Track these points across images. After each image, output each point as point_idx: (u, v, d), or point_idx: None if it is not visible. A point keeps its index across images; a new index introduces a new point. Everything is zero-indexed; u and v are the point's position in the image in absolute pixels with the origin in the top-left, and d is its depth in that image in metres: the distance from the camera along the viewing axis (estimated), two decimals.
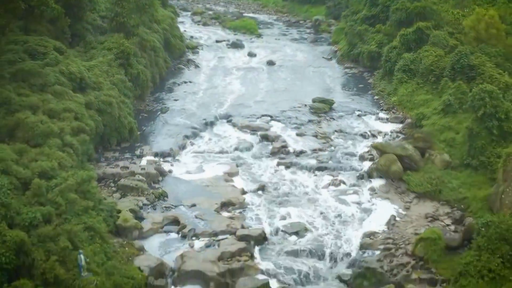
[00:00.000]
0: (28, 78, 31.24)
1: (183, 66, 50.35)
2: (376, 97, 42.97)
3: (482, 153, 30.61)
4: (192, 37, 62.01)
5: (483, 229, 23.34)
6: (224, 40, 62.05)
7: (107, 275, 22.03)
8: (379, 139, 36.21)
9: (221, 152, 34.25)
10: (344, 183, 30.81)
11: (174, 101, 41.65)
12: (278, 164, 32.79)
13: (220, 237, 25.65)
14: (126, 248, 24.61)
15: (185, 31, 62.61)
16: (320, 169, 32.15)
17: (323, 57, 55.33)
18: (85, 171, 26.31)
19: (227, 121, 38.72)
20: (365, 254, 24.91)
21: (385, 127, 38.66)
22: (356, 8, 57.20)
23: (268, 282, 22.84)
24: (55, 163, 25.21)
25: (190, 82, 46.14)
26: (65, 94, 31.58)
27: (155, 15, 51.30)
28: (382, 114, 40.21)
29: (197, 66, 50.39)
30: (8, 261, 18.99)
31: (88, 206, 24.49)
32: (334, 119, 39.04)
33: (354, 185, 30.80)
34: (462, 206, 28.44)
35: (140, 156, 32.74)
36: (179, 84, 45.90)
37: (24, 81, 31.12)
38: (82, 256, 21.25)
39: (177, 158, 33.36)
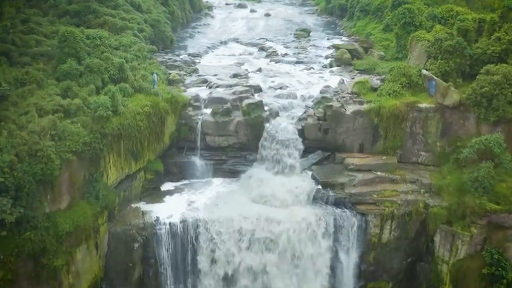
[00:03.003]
0: (105, 0, 44.81)
1: (202, 17, 63.98)
2: (341, 30, 56.65)
3: (404, 48, 43.64)
4: (206, 1, 75.85)
5: (392, 70, 36.63)
6: (232, 4, 76.51)
7: (168, 92, 35.20)
8: None
9: (232, 55, 47.91)
10: (313, 69, 44.11)
11: (198, 33, 55.57)
12: (270, 60, 46.33)
13: (233, 87, 38.94)
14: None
15: None
16: (298, 62, 45.64)
17: (307, 13, 69.05)
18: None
19: (236, 42, 52.45)
20: (323, 94, 37.95)
21: None
22: None
23: (261, 101, 35.82)
24: (131, 38, 38.52)
25: (208, 24, 59.98)
26: (130, 11, 44.93)
27: None
28: (344, 38, 53.76)
29: (212, 17, 64.01)
30: None
31: (153, 62, 37.90)
32: (310, 40, 52.89)
33: (320, 70, 44.03)
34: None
35: (178, 55, 46.14)
36: (200, 26, 59.59)
37: (103, 2, 44.62)
38: (155, 76, 34.36)
39: (202, 57, 46.84)
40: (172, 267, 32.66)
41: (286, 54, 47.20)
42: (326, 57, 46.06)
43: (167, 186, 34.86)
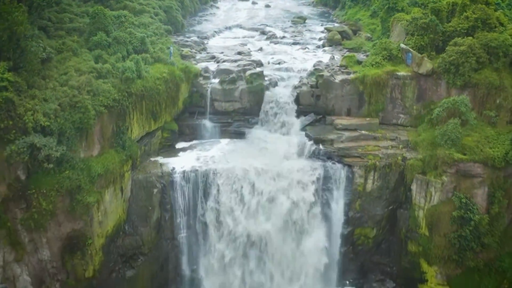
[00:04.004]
0: None
1: (208, 7, 69.18)
2: (334, 18, 61.57)
3: (388, 30, 48.31)
4: None
5: (375, 45, 41.35)
6: None
7: (182, 63, 39.95)
8: None
9: (236, 37, 52.82)
10: (308, 48, 48.90)
11: (205, 20, 60.52)
12: (270, 42, 51.23)
13: (238, 61, 43.65)
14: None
15: None
16: (294, 43, 50.54)
17: (304, 4, 74.26)
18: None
19: (239, 27, 57.32)
20: (316, 67, 42.60)
21: None
22: None
23: (262, 71, 40.56)
24: (149, 19, 43.30)
25: (214, 14, 65.13)
26: None
27: None
28: (336, 24, 58.35)
29: (217, 8, 69.24)
30: None
31: (169, 39, 42.73)
32: (305, 26, 57.76)
33: (313, 50, 48.81)
34: None
35: (188, 37, 50.90)
36: (206, 15, 64.65)
37: None
38: (171, 48, 39.11)
39: (210, 39, 51.70)
40: (185, 212, 37.53)
41: (284, 37, 52.05)
42: (320, 39, 50.86)
43: (181, 144, 39.67)
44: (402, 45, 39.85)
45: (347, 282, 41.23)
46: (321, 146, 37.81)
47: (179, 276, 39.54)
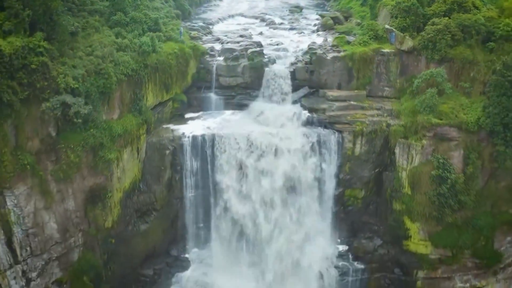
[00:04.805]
0: None
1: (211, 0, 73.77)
2: (328, 8, 65.71)
3: (376, 16, 52.26)
4: None
5: (363, 27, 45.63)
6: None
7: (191, 42, 44.23)
8: None
9: (238, 24, 57.17)
10: (303, 33, 53.16)
11: (209, 10, 64.92)
12: (269, 27, 55.47)
13: (240, 42, 47.92)
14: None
15: None
16: (291, 29, 54.76)
17: None
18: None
19: (241, 16, 61.74)
20: (310, 47, 46.74)
21: None
22: None
23: (262, 49, 44.88)
24: (160, 4, 47.66)
25: (218, 5, 69.58)
26: None
27: None
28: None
29: (221, 0, 73.77)
30: None
31: (179, 22, 47.11)
32: (302, 14, 62.19)
33: (309, 34, 53.02)
34: None
35: (195, 23, 55.13)
36: (210, 6, 68.97)
37: None
38: (181, 29, 43.43)
39: (215, 25, 55.99)
40: (193, 173, 41.68)
41: (282, 24, 56.30)
42: (314, 25, 54.96)
43: (189, 114, 43.76)
44: (387, 26, 44.06)
45: (339, 240, 45.47)
46: (314, 115, 42.00)
47: (187, 233, 43.90)
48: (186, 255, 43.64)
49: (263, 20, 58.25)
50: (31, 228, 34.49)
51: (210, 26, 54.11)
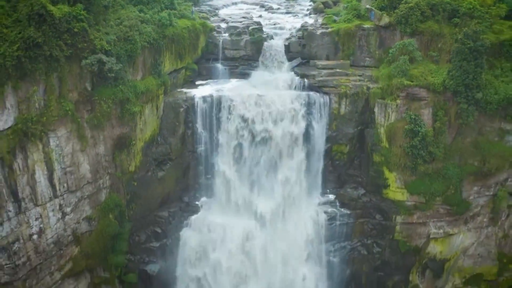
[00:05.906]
0: None
1: None
2: None
3: (360, 1, 59.58)
4: None
5: (347, 7, 52.72)
6: None
7: (201, 20, 51.27)
8: None
9: (240, 9, 64.31)
10: (297, 16, 60.22)
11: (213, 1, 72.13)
12: (268, 12, 62.62)
13: (242, 22, 54.95)
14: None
15: None
16: (287, 13, 61.96)
17: None
18: None
19: (243, 3, 68.99)
20: (302, 25, 53.69)
21: None
22: None
23: (262, 27, 51.87)
24: None
25: None
26: None
27: None
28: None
29: None
30: None
31: (191, 4, 54.13)
32: (297, 1, 69.69)
33: (302, 17, 60.09)
34: None
35: (203, 8, 62.19)
36: None
37: None
38: (193, 8, 50.51)
39: (220, 10, 63.12)
40: (203, 128, 48.43)
41: (279, 9, 63.71)
42: (307, 10, 62.19)
43: (199, 81, 50.61)
44: (367, 6, 51.15)
45: (328, 191, 52.23)
46: (305, 80, 48.92)
47: (197, 183, 50.67)
48: (197, 202, 50.60)
49: (262, 6, 65.56)
50: (69, 167, 40.76)
51: (216, 11, 61.23)
